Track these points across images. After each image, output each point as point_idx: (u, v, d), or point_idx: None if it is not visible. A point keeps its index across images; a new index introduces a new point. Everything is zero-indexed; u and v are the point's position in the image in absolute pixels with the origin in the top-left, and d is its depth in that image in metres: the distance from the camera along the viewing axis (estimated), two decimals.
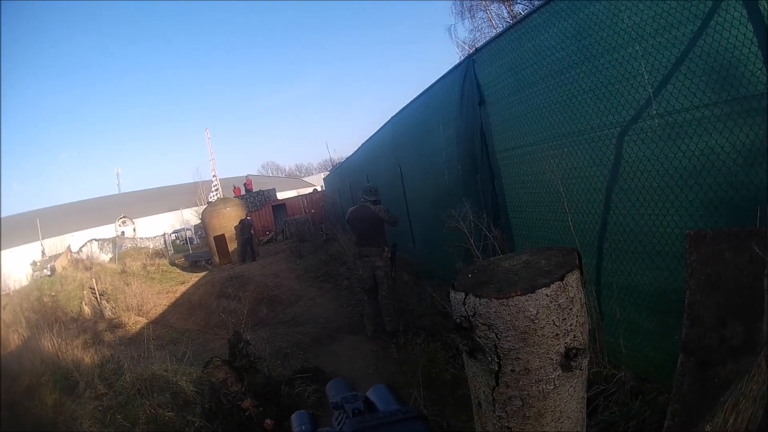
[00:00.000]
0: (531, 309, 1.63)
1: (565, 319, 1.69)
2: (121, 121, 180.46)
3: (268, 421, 6.24)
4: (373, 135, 15.83)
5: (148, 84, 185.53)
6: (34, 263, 39.73)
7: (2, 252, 42.72)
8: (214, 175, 38.66)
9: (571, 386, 1.81)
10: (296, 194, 50.77)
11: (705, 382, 3.04)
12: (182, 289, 21.72)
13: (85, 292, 20.79)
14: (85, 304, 19.75)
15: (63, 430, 7.61)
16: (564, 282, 1.69)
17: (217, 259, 27.21)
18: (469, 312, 1.72)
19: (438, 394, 6.04)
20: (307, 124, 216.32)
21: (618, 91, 4.52)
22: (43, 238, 48.69)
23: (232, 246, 26.84)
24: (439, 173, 9.44)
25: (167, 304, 19.81)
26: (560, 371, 1.74)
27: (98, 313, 18.60)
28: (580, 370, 1.79)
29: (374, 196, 9.66)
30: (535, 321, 1.64)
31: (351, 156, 22.40)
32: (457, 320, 1.78)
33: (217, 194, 36.50)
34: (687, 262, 3.16)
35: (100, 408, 7.56)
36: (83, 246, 41.36)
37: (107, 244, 41.39)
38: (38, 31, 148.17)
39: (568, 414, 1.85)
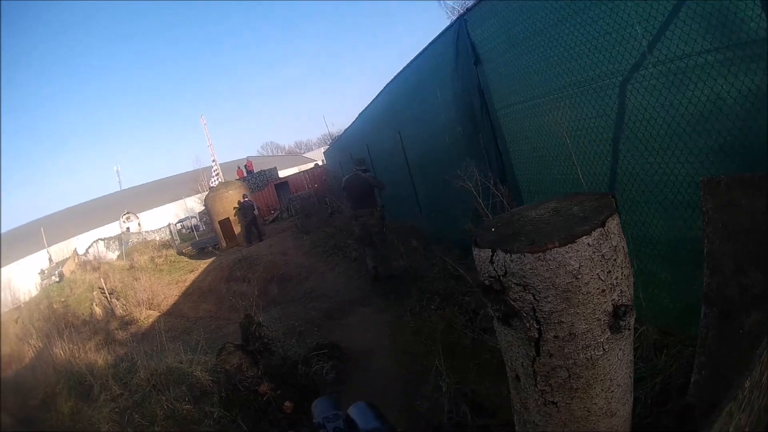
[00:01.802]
0: (573, 262, 1.41)
1: (610, 271, 1.48)
2: (115, 118, 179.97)
3: (287, 403, 6.09)
4: (370, 104, 15.71)
5: (139, 78, 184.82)
6: (42, 272, 39.36)
7: (10, 266, 42.65)
8: (213, 160, 38.04)
9: (620, 349, 1.64)
10: (298, 171, 50.61)
11: (729, 333, 3.09)
12: (191, 277, 21.62)
13: (94, 293, 20.63)
14: (96, 305, 19.56)
15: None
16: (606, 228, 1.48)
17: (224, 244, 27.02)
18: (499, 271, 1.48)
19: (458, 361, 5.85)
20: (303, 100, 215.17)
21: (615, 39, 4.44)
22: (48, 246, 47.99)
23: (238, 229, 26.57)
24: (439, 136, 9.42)
25: (178, 294, 19.69)
26: (609, 333, 1.55)
27: (109, 312, 18.46)
28: (629, 329, 1.62)
29: (363, 166, 11.42)
30: (578, 276, 1.42)
31: (349, 127, 22.17)
32: (487, 282, 1.54)
33: (218, 179, 36.04)
34: (702, 209, 3.13)
35: (116, 409, 7.48)
36: (89, 247, 41.02)
37: (113, 242, 41.14)
38: (26, 30, 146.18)
39: (618, 381, 1.68)
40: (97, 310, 19.13)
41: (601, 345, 1.52)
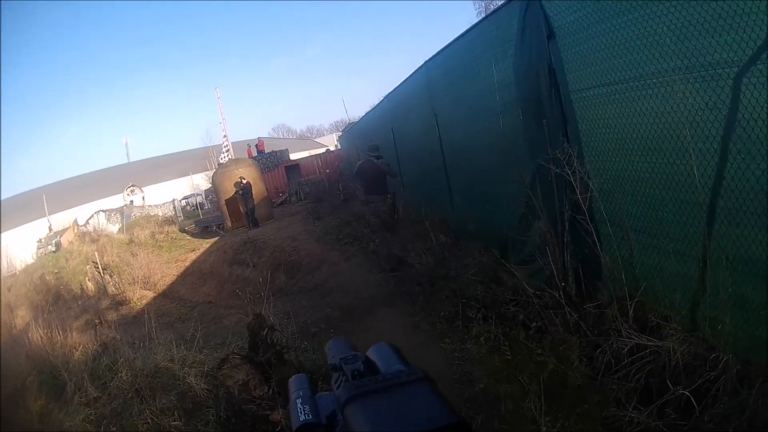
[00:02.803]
0: None
1: None
2: (129, 90, 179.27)
3: None
4: (401, 84, 14.47)
5: (154, 50, 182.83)
6: (40, 240, 38.87)
7: (8, 232, 42.02)
8: (224, 136, 36.94)
9: None
10: (308, 155, 49.77)
11: None
12: (192, 256, 20.91)
13: (88, 267, 19.82)
14: (89, 280, 19.08)
15: None
16: None
17: (229, 224, 25.86)
18: None
19: (557, 402, 4.64)
20: (318, 85, 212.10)
21: (731, 26, 3.79)
22: (50, 214, 47.62)
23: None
24: (490, 120, 8.31)
25: (176, 273, 18.99)
26: None
27: (101, 289, 17.75)
28: None
29: (377, 152, 11.78)
30: None
31: (371, 111, 21.24)
32: None
33: (228, 155, 34.91)
34: None
35: (91, 417, 6.18)
36: (90, 218, 40.46)
37: (114, 215, 40.42)
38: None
39: None
40: (90, 286, 18.64)
41: None
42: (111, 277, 18.18)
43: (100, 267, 18.92)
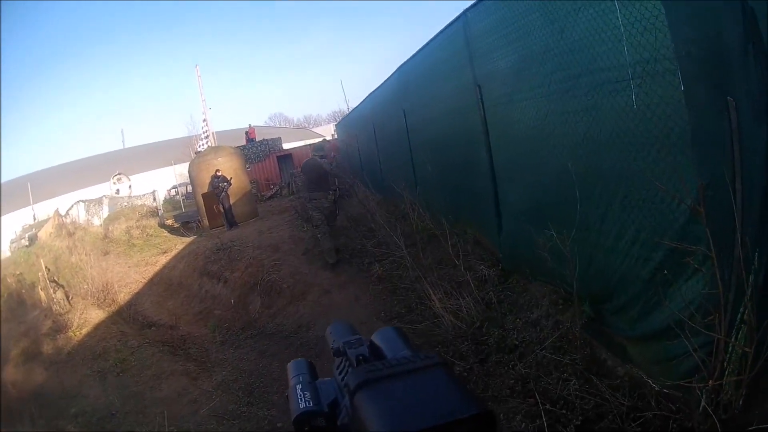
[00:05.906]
0: None
1: None
2: (126, 76, 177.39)
3: None
4: (421, 49, 10.68)
5: (145, 35, 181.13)
6: (15, 233, 36.62)
7: None
8: (204, 120, 33.08)
9: None
10: (304, 144, 47.30)
11: None
12: (163, 260, 18.46)
13: (40, 274, 17.14)
14: (41, 289, 16.22)
15: None
16: None
17: (206, 222, 22.70)
18: None
19: None
20: (317, 74, 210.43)
21: None
22: (34, 203, 46.16)
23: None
24: (601, 92, 4.74)
25: (143, 281, 16.72)
26: None
27: (50, 304, 15.13)
28: None
29: (321, 152, 12.86)
30: None
31: (376, 90, 17.66)
32: None
33: (207, 143, 31.45)
34: None
35: None
36: (70, 208, 37.65)
37: (94, 206, 37.66)
38: None
39: None
40: (43, 296, 15.90)
41: None
42: (55, 292, 15.57)
43: (46, 277, 16.35)
